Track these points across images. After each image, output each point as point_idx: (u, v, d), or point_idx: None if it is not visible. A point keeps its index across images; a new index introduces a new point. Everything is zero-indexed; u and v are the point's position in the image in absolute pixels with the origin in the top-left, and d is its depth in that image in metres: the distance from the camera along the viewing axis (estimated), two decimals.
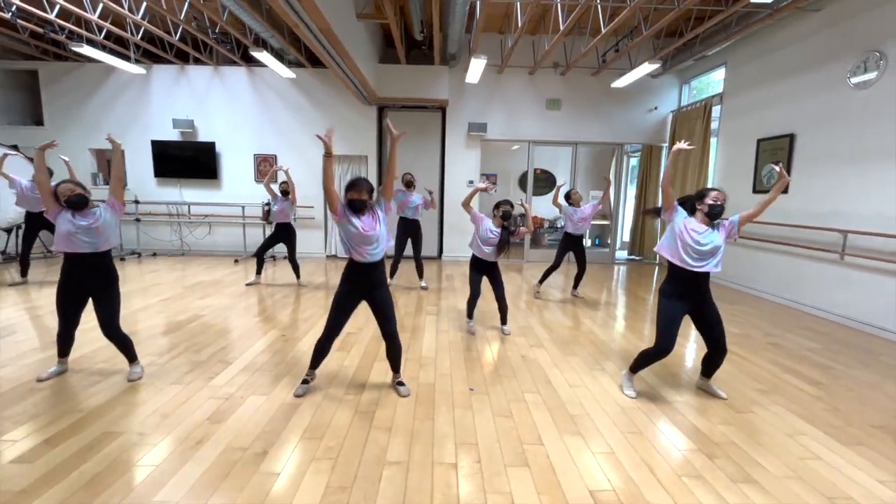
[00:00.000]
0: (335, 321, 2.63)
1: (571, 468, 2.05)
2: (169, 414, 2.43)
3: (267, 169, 7.76)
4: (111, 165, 2.66)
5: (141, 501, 1.76)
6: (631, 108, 7.87)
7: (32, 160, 6.72)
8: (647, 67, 5.84)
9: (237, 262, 7.22)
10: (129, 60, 6.71)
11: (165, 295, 5.01)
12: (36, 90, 7.58)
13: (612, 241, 8.47)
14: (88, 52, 5.75)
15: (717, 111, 6.68)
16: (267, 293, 5.26)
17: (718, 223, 2.58)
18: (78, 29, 5.96)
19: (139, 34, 6.29)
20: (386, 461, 2.06)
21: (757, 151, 5.80)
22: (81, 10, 5.32)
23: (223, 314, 4.35)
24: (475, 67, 5.86)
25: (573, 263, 5.45)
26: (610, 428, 2.42)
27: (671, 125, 7.74)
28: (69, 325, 2.77)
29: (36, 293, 4.92)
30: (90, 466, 1.95)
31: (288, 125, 7.71)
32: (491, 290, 3.98)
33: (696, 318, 2.68)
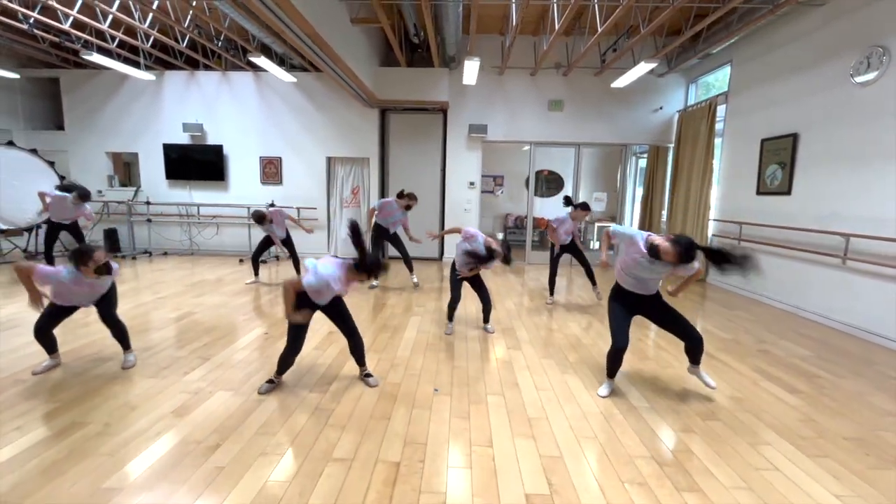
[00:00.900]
0: (296, 335, 2.71)
1: (513, 471, 2.04)
2: (137, 406, 2.53)
3: (272, 171, 7.97)
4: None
5: (90, 487, 1.85)
6: (635, 108, 7.71)
7: (52, 163, 7.02)
8: (645, 66, 5.72)
9: (242, 261, 7.41)
10: (139, 67, 6.98)
11: (165, 293, 5.20)
12: (57, 97, 7.97)
13: None
14: (98, 59, 6.02)
15: (721, 111, 6.49)
16: (263, 292, 5.39)
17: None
18: (92, 38, 6.25)
19: (149, 42, 6.56)
20: (331, 458, 2.10)
21: (760, 152, 5.61)
22: (94, 20, 5.59)
23: (215, 312, 4.49)
24: (470, 69, 5.87)
25: (574, 265, 5.35)
26: (565, 432, 2.39)
27: (677, 125, 7.55)
28: (51, 327, 2.97)
29: None
30: (51, 454, 2.06)
31: (292, 128, 7.88)
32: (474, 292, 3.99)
33: (650, 318, 2.86)
